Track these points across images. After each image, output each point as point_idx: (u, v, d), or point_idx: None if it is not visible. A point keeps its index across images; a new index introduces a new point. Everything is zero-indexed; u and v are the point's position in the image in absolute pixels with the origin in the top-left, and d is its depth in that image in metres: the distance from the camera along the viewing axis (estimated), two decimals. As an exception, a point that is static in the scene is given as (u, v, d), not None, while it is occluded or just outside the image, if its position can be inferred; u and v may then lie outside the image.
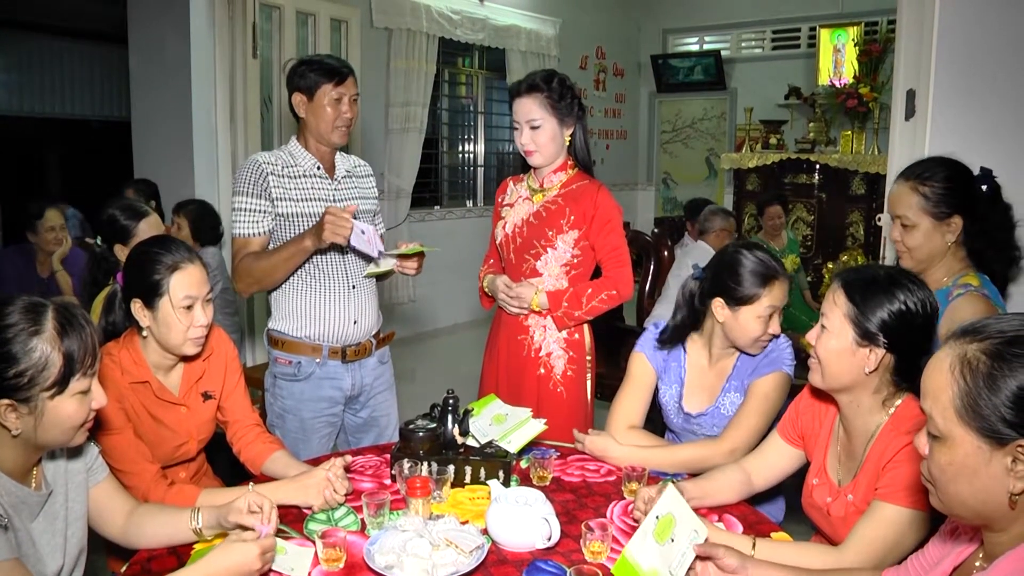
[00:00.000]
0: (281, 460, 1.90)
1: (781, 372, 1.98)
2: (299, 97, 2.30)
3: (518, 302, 2.40)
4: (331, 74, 2.27)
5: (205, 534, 1.56)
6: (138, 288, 1.80)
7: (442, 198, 7.34)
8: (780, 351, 2.01)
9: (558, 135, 2.38)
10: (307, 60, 2.33)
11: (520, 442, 1.93)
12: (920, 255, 1.96)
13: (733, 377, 2.06)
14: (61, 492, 1.47)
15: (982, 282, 1.90)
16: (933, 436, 1.08)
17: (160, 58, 4.61)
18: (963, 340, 1.06)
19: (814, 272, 5.92)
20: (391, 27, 6.07)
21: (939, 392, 1.06)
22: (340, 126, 2.31)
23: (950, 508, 1.11)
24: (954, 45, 2.61)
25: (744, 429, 1.93)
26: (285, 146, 2.39)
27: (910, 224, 1.95)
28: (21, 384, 1.28)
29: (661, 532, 1.39)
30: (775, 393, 1.96)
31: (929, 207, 1.92)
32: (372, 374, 2.46)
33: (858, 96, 6.06)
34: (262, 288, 2.33)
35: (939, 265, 1.97)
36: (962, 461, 1.05)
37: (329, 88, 2.27)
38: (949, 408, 1.04)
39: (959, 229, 1.92)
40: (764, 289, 1.94)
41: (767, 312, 1.95)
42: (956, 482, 1.06)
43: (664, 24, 9.07)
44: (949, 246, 1.94)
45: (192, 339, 1.82)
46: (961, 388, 1.03)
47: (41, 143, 9.03)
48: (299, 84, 2.29)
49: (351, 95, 2.32)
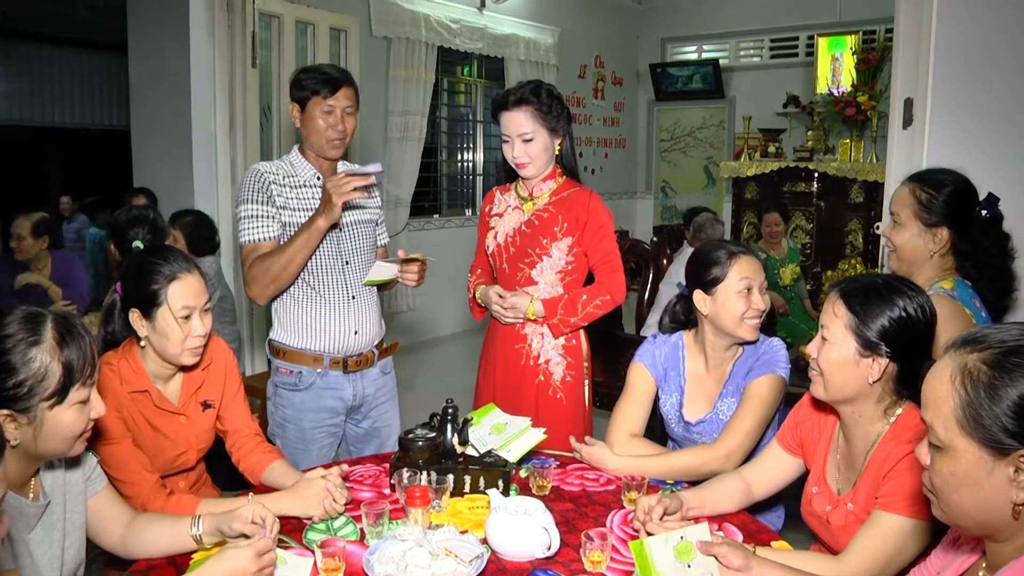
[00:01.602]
0: (279, 470, 1.90)
1: (774, 374, 1.98)
2: (294, 107, 2.27)
3: (513, 312, 2.40)
4: (323, 84, 2.22)
5: (205, 541, 1.55)
6: (136, 298, 1.80)
7: (441, 207, 7.35)
8: (773, 352, 2.02)
9: (549, 146, 2.38)
10: (305, 69, 2.29)
11: (520, 451, 1.93)
12: (903, 255, 2.01)
13: (729, 382, 2.06)
14: (59, 502, 1.47)
15: (955, 284, 1.92)
16: (935, 446, 1.08)
17: (160, 67, 4.62)
18: (963, 350, 1.06)
19: (813, 280, 5.92)
20: (390, 36, 6.08)
21: (940, 402, 1.06)
22: (332, 139, 2.26)
23: (953, 519, 1.10)
24: (952, 54, 2.62)
25: (739, 432, 1.93)
26: (287, 156, 2.37)
27: (900, 223, 2.00)
28: (20, 394, 1.28)
29: (682, 552, 1.40)
30: (769, 395, 1.96)
31: (920, 212, 1.96)
32: (374, 385, 2.45)
33: (856, 104, 6.08)
34: (279, 287, 2.26)
35: (922, 270, 2.00)
36: (964, 471, 1.04)
37: (319, 99, 2.22)
38: (950, 418, 1.04)
39: (944, 242, 1.95)
40: (730, 262, 1.99)
41: (743, 285, 1.98)
42: (959, 492, 1.06)
43: (663, 33, 9.10)
44: (931, 255, 1.97)
45: (190, 349, 1.82)
46: (962, 398, 1.03)
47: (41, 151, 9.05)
48: (293, 94, 2.26)
49: (344, 107, 2.25)
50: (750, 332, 2.01)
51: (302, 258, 2.20)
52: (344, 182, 2.10)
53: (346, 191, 2.10)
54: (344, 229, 2.34)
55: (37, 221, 4.17)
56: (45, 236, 4.20)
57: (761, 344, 2.05)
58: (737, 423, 1.94)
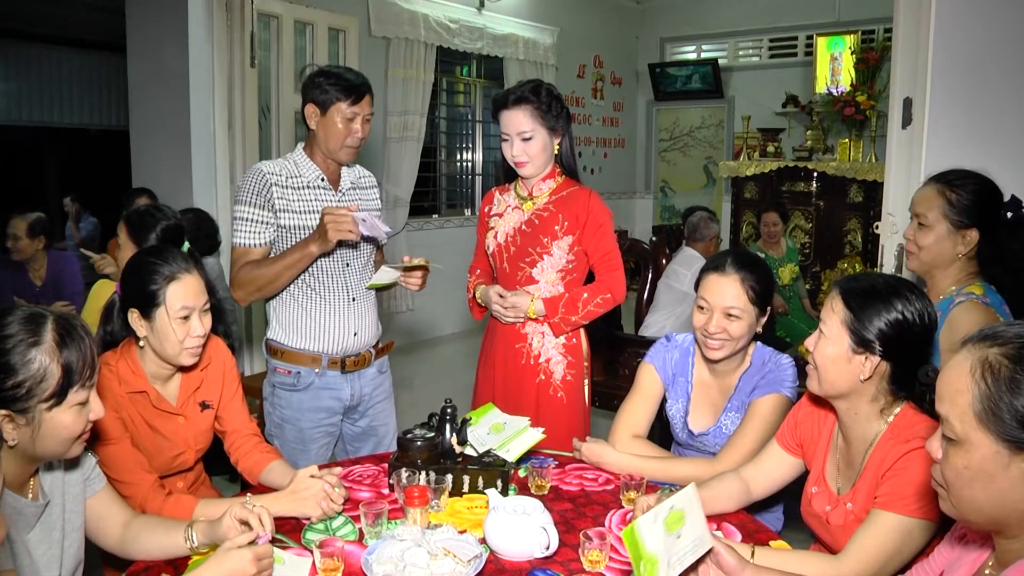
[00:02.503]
0: (278, 470, 1.89)
1: (779, 394, 1.97)
2: (312, 109, 2.25)
3: (514, 312, 2.40)
4: (348, 91, 2.21)
5: (200, 549, 1.55)
6: (135, 298, 1.79)
7: (440, 207, 7.35)
8: (780, 370, 2.00)
9: (549, 145, 2.38)
10: (326, 72, 2.26)
11: (518, 451, 1.93)
12: (927, 257, 1.97)
13: (735, 397, 2.05)
14: (58, 503, 1.47)
15: (985, 291, 1.90)
16: (948, 439, 1.07)
17: (158, 67, 4.62)
18: (983, 344, 1.05)
19: (812, 280, 5.92)
20: (389, 36, 6.08)
21: (957, 395, 1.05)
22: (350, 145, 2.27)
23: (963, 513, 1.10)
24: (951, 53, 2.62)
25: (740, 450, 1.92)
26: (290, 155, 2.35)
27: (927, 224, 1.95)
28: (19, 395, 1.28)
29: (672, 523, 1.38)
30: (772, 415, 1.94)
31: (951, 213, 1.92)
32: (371, 384, 2.45)
33: (855, 104, 6.09)
34: (263, 296, 2.31)
35: (947, 273, 1.97)
36: (979, 465, 1.04)
37: (344, 106, 2.22)
38: (968, 411, 1.04)
39: (973, 243, 1.92)
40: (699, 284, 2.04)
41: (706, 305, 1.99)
42: (972, 487, 1.06)
43: (662, 33, 9.10)
44: (959, 257, 1.94)
45: (188, 349, 1.82)
46: (981, 391, 1.03)
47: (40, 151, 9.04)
48: (314, 96, 2.23)
49: (365, 114, 2.26)
50: (712, 352, 2.02)
51: (289, 277, 2.23)
52: (344, 221, 2.10)
53: (342, 230, 2.10)
54: None
55: (33, 221, 4.18)
56: (41, 236, 4.21)
57: (769, 360, 2.04)
58: (739, 441, 1.94)
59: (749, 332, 1.98)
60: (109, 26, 6.11)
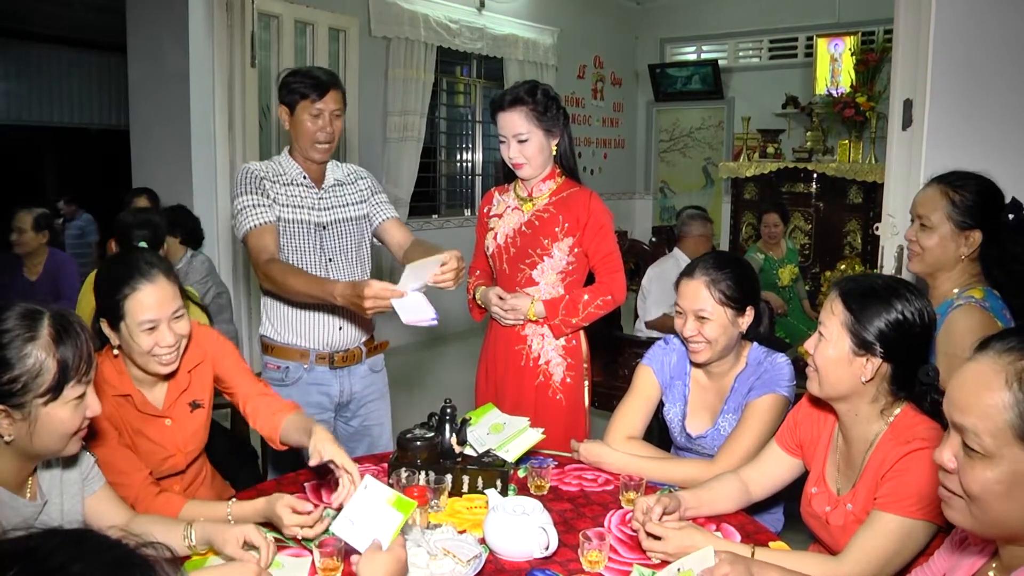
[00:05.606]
0: (291, 430, 1.83)
1: (776, 394, 1.96)
2: (283, 109, 2.31)
3: (514, 314, 2.40)
4: (312, 88, 2.24)
5: (198, 550, 1.55)
6: (103, 308, 1.74)
7: (440, 207, 7.35)
8: (776, 370, 1.99)
9: (545, 146, 2.38)
10: (294, 71, 2.32)
11: (518, 451, 1.93)
12: (930, 258, 1.96)
13: (731, 398, 2.05)
14: (56, 502, 1.46)
15: (986, 294, 1.89)
16: (973, 452, 1.03)
17: (159, 67, 4.62)
18: (1011, 355, 1.02)
19: (812, 281, 5.92)
20: (389, 36, 6.08)
21: (991, 409, 1.01)
22: (320, 141, 2.27)
23: (987, 526, 1.06)
24: (951, 54, 2.62)
25: (737, 451, 1.91)
26: (276, 157, 2.40)
27: (930, 226, 1.94)
28: (15, 390, 1.28)
29: None
30: (769, 415, 1.94)
31: (954, 214, 1.91)
32: (362, 382, 2.44)
33: (855, 105, 6.09)
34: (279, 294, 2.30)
35: (948, 276, 1.96)
36: (1012, 479, 1.01)
37: (307, 103, 2.24)
38: (1005, 428, 1.00)
39: (976, 244, 1.91)
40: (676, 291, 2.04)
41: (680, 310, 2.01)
42: (1003, 501, 1.02)
43: (662, 33, 9.10)
44: (962, 258, 1.93)
45: (157, 358, 1.74)
46: (1022, 407, 0.99)
47: (40, 150, 9.05)
48: (283, 96, 2.29)
49: (332, 110, 2.27)
50: (695, 355, 2.03)
51: (302, 298, 2.19)
52: (384, 303, 1.94)
53: (379, 307, 1.96)
54: (328, 228, 2.35)
55: (39, 216, 4.23)
56: (45, 231, 4.26)
57: (764, 360, 2.03)
58: (736, 441, 1.94)
59: (726, 333, 1.97)
60: (109, 26, 6.11)
